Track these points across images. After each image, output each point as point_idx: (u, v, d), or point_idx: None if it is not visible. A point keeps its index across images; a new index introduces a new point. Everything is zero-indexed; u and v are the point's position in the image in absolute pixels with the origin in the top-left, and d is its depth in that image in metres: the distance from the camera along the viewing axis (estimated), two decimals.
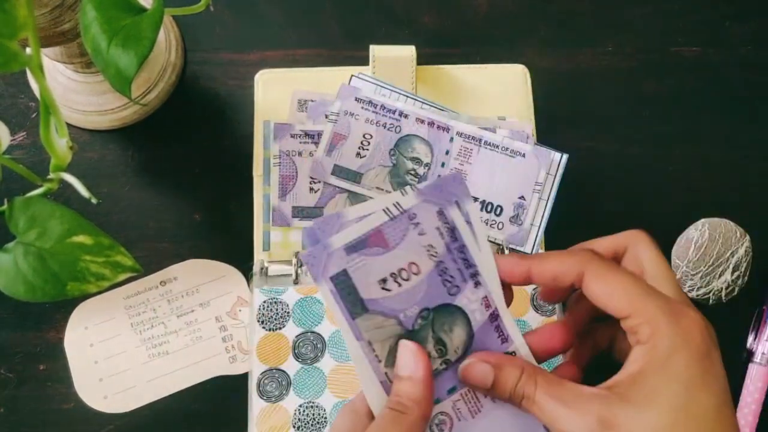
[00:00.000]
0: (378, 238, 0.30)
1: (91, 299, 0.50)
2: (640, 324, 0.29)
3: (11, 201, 0.37)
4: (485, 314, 0.32)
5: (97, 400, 0.49)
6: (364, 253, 0.30)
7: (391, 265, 0.31)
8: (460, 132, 0.50)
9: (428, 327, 0.32)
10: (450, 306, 0.32)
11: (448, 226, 0.31)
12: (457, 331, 0.32)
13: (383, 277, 0.31)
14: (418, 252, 0.31)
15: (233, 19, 0.56)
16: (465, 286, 0.32)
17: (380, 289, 0.31)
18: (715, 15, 0.58)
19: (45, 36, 0.43)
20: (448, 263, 0.31)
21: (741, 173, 0.55)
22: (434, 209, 0.31)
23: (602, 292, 0.30)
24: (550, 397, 0.30)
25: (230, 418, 0.49)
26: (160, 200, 0.53)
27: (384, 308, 0.31)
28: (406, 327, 0.31)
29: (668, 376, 0.28)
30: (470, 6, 0.57)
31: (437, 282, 0.31)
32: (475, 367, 0.31)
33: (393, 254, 0.31)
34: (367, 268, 0.30)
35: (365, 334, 0.31)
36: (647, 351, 0.28)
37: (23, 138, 0.53)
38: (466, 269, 0.32)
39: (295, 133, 0.50)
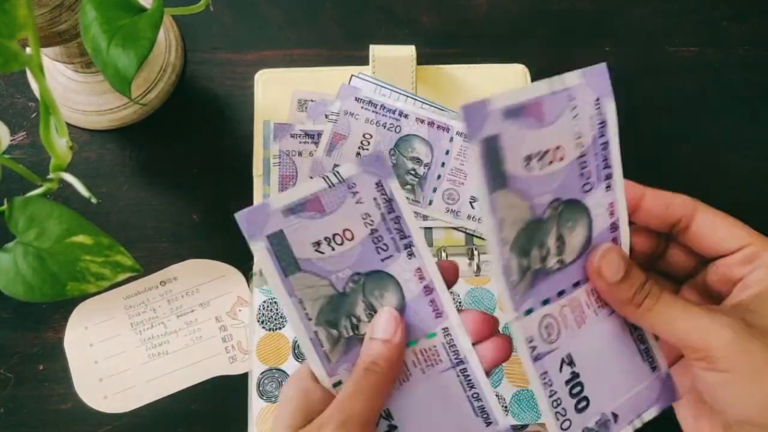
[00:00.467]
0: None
1: (90, 299, 0.50)
2: (762, 250, 0.30)
3: (11, 201, 0.37)
4: (607, 222, 0.32)
5: (97, 400, 0.49)
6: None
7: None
8: (460, 132, 0.50)
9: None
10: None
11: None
12: (578, 231, 0.32)
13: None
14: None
15: (233, 19, 0.56)
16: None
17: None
18: (713, 15, 0.58)
19: (43, 36, 0.42)
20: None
21: (741, 173, 0.55)
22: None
23: (719, 225, 0.31)
24: (680, 299, 0.30)
25: (230, 418, 0.49)
26: (159, 200, 0.53)
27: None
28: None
29: None
30: (470, 6, 0.57)
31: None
32: (611, 254, 0.31)
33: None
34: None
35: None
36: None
37: (23, 138, 0.53)
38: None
39: (295, 133, 0.50)
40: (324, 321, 0.33)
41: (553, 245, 0.31)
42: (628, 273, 0.31)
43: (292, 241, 0.32)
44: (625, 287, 0.31)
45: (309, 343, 0.32)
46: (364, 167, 0.32)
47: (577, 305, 0.32)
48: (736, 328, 0.28)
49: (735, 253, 0.31)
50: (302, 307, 0.32)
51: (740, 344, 0.28)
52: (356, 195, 0.32)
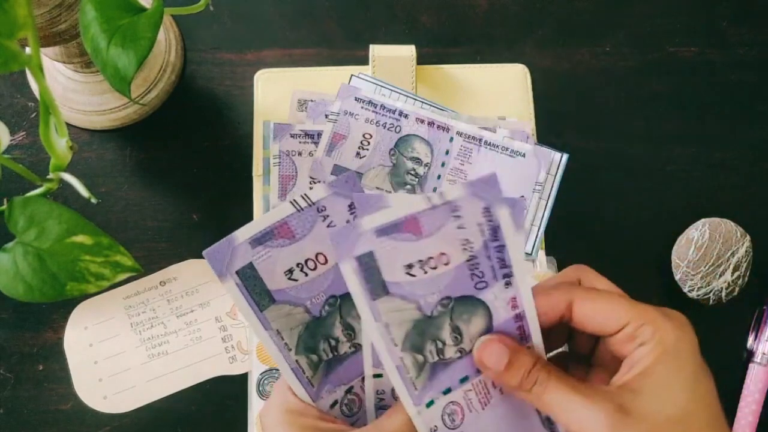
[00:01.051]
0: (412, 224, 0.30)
1: (90, 299, 0.50)
2: (642, 326, 0.30)
3: (11, 201, 0.36)
4: (510, 313, 0.32)
5: (97, 400, 0.48)
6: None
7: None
8: (460, 132, 0.50)
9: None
10: (473, 298, 0.32)
11: (491, 224, 0.30)
12: (476, 321, 0.32)
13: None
14: (452, 243, 0.30)
15: (233, 19, 0.56)
16: (494, 283, 0.31)
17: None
18: (713, 15, 0.58)
19: (43, 36, 0.42)
20: (482, 259, 0.31)
21: (741, 173, 0.55)
22: (480, 205, 0.30)
23: (596, 310, 0.31)
24: (565, 386, 0.30)
25: (230, 418, 0.49)
26: (159, 200, 0.52)
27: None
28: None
29: (678, 365, 0.30)
30: (470, 6, 0.57)
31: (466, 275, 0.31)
32: (492, 346, 0.31)
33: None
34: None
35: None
36: (654, 347, 0.30)
37: (23, 138, 0.53)
38: (501, 269, 0.31)
39: (294, 133, 0.50)
40: (303, 348, 0.32)
41: (449, 337, 0.31)
42: (512, 361, 0.31)
43: (263, 273, 0.31)
44: (511, 374, 0.31)
45: (291, 373, 0.32)
46: (333, 188, 0.31)
47: (482, 387, 0.33)
48: (609, 423, 0.28)
49: (618, 333, 0.31)
50: (281, 338, 0.31)
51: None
52: (327, 218, 0.31)
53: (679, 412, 0.29)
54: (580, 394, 0.30)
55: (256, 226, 0.30)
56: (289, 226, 0.31)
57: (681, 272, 0.51)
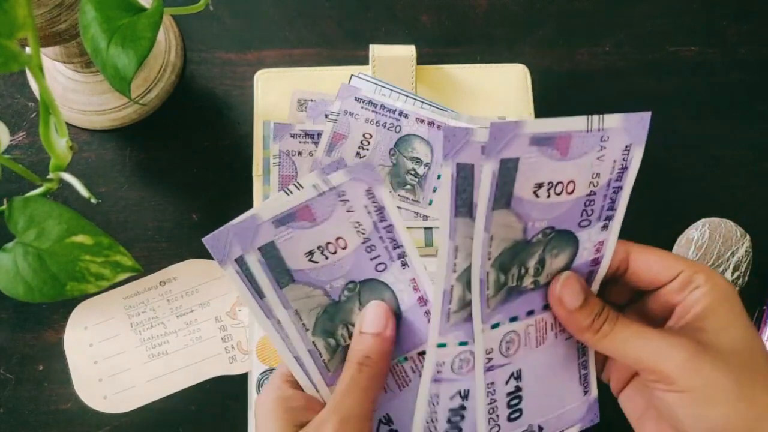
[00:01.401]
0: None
1: (90, 299, 0.50)
2: (695, 274, 0.32)
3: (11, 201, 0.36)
4: (591, 256, 0.33)
5: (97, 400, 0.48)
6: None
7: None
8: None
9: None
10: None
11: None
12: (560, 258, 0.33)
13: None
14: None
15: (232, 19, 0.56)
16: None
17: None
18: (713, 15, 0.58)
19: (43, 36, 0.42)
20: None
21: (741, 173, 0.55)
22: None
23: (652, 260, 0.33)
24: (636, 325, 0.31)
25: (230, 418, 0.49)
26: (159, 200, 0.52)
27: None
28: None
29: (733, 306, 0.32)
30: (470, 6, 0.57)
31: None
32: (573, 282, 0.32)
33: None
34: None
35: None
36: (709, 291, 0.32)
37: (22, 138, 0.53)
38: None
39: (294, 133, 0.50)
40: (321, 331, 0.32)
41: (532, 266, 0.32)
42: (587, 300, 0.32)
43: (285, 252, 0.31)
44: (584, 314, 0.32)
45: (308, 355, 0.32)
46: (353, 174, 0.32)
47: (542, 326, 0.33)
48: (689, 349, 0.30)
49: (671, 282, 0.33)
50: (299, 318, 0.32)
51: (694, 365, 0.29)
52: (346, 203, 0.32)
53: (743, 345, 0.30)
54: (653, 331, 0.31)
55: (279, 208, 0.31)
56: (311, 209, 0.31)
57: None
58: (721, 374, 0.29)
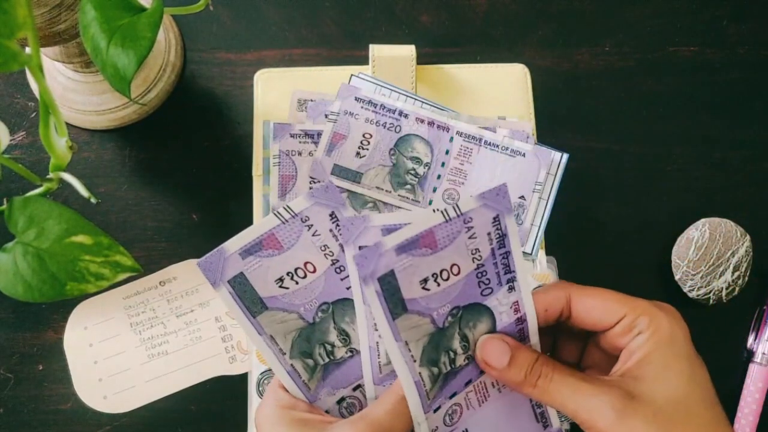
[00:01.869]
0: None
1: (90, 299, 0.50)
2: (638, 317, 0.32)
3: (10, 201, 0.36)
4: (512, 317, 0.33)
5: (97, 400, 0.48)
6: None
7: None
8: (460, 131, 0.50)
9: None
10: (479, 305, 0.32)
11: (499, 232, 0.31)
12: (480, 327, 0.33)
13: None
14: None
15: (232, 19, 0.56)
16: (499, 289, 0.32)
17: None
18: (713, 15, 0.58)
19: (43, 36, 0.42)
20: (489, 267, 0.32)
21: (741, 173, 0.55)
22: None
23: (594, 304, 0.33)
24: (571, 377, 0.31)
25: (230, 418, 0.49)
26: (159, 200, 0.52)
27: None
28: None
29: (675, 351, 0.31)
30: (470, 5, 0.57)
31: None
32: (493, 343, 0.32)
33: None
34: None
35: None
36: (651, 335, 0.31)
37: (22, 138, 0.53)
38: (505, 274, 0.32)
39: (294, 133, 0.50)
40: (298, 353, 0.33)
41: (459, 346, 0.32)
42: (515, 358, 0.32)
43: (254, 282, 0.32)
44: (515, 371, 0.32)
45: (287, 376, 0.33)
46: (315, 200, 0.32)
47: (482, 387, 0.34)
48: (620, 406, 0.30)
49: (614, 326, 0.33)
50: (275, 343, 0.32)
51: (624, 422, 0.29)
52: (311, 228, 0.32)
53: (680, 394, 0.30)
54: (587, 383, 0.31)
55: (245, 238, 0.31)
56: (276, 237, 0.32)
57: (681, 272, 0.51)
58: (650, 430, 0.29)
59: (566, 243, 0.52)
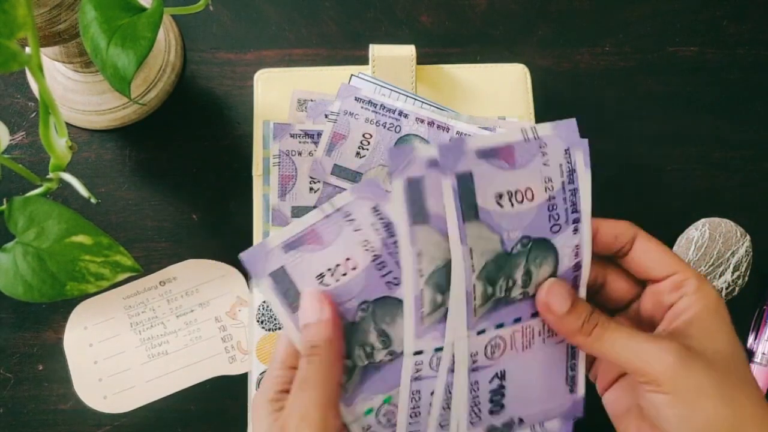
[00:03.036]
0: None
1: (90, 299, 0.50)
2: (687, 279, 0.33)
3: (10, 201, 0.36)
4: (572, 261, 0.33)
5: (97, 400, 0.48)
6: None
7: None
8: (460, 132, 0.50)
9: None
10: (548, 242, 0.33)
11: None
12: (545, 268, 0.33)
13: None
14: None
15: (232, 19, 0.56)
16: (566, 228, 0.33)
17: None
18: (713, 15, 0.58)
19: (42, 36, 0.42)
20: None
21: (741, 173, 0.55)
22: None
23: (653, 251, 0.34)
24: (627, 329, 0.32)
25: (230, 418, 0.49)
26: (159, 200, 0.52)
27: (493, 222, 0.32)
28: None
29: (721, 318, 0.33)
30: (470, 6, 0.57)
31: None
32: (558, 289, 0.33)
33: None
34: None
35: (469, 240, 0.31)
36: (699, 299, 0.33)
37: (22, 137, 0.53)
38: (572, 213, 0.33)
39: (294, 133, 0.50)
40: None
41: (520, 278, 0.33)
42: (575, 305, 0.33)
43: (295, 277, 0.31)
44: (573, 318, 0.33)
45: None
46: (358, 194, 0.32)
47: (529, 332, 0.34)
48: (678, 353, 0.31)
49: (664, 280, 0.34)
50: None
51: (682, 368, 0.30)
52: (353, 223, 0.32)
53: (728, 353, 0.32)
54: (643, 334, 0.32)
55: (288, 232, 0.31)
56: (317, 232, 0.31)
57: None
58: (706, 379, 0.30)
59: None
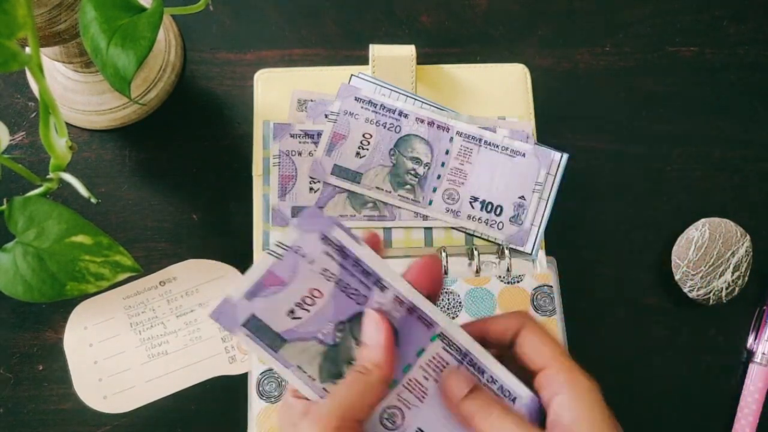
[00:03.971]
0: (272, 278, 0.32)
1: (90, 299, 0.50)
2: (556, 373, 0.33)
3: (10, 201, 0.36)
4: (402, 311, 0.33)
5: (97, 400, 0.48)
6: (264, 294, 0.32)
7: (293, 296, 0.33)
8: (460, 131, 0.50)
9: (348, 336, 0.33)
10: (362, 313, 0.33)
11: (334, 246, 0.32)
12: None
13: (290, 308, 0.33)
14: (316, 278, 0.33)
15: (232, 19, 0.56)
16: (371, 293, 0.33)
17: (291, 320, 0.33)
18: (712, 15, 0.58)
19: (42, 36, 0.42)
20: (347, 279, 0.33)
21: (741, 173, 0.55)
22: (317, 236, 0.32)
23: (534, 343, 0.34)
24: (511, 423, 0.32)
25: (230, 418, 0.49)
26: (158, 200, 0.52)
27: (301, 334, 0.33)
28: (327, 343, 0.33)
29: (594, 411, 0.32)
30: (470, 6, 0.57)
31: (343, 298, 0.33)
32: (458, 375, 0.33)
33: (292, 287, 0.32)
34: (272, 306, 0.32)
35: (292, 360, 0.33)
36: (573, 399, 0.32)
37: (22, 138, 0.53)
38: (366, 279, 0.33)
39: (294, 133, 0.50)
40: (327, 375, 0.33)
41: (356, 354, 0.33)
42: (476, 388, 0.33)
43: (268, 320, 0.32)
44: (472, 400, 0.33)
45: (316, 396, 0.33)
46: (302, 227, 0.32)
47: (415, 383, 0.34)
48: None
49: (539, 373, 0.33)
50: (303, 372, 0.33)
51: None
52: (306, 256, 0.32)
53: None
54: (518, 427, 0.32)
55: (246, 281, 0.32)
56: (275, 273, 0.32)
57: (681, 272, 0.51)
58: None
59: (566, 243, 0.52)
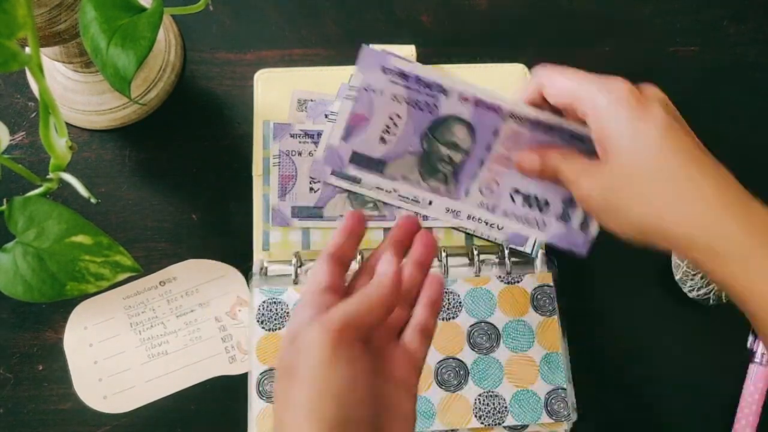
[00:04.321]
0: (356, 117, 0.38)
1: (90, 299, 0.50)
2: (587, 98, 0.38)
3: (10, 201, 0.36)
4: (470, 106, 0.39)
5: (97, 400, 0.48)
6: (355, 131, 0.39)
7: (378, 126, 0.39)
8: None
9: (433, 141, 0.39)
10: (437, 120, 0.39)
11: (394, 72, 0.38)
12: (454, 129, 0.39)
13: (380, 136, 0.39)
14: (390, 104, 0.38)
15: (232, 19, 0.56)
16: (438, 101, 0.38)
17: (384, 145, 0.39)
18: (713, 15, 0.58)
19: (42, 36, 0.42)
20: (416, 96, 0.38)
21: (741, 173, 0.55)
22: (377, 70, 0.37)
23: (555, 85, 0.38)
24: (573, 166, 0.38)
25: (230, 418, 0.49)
26: (158, 200, 0.52)
27: (396, 152, 0.39)
28: (418, 152, 0.39)
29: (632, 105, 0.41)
30: (470, 5, 0.57)
31: (418, 114, 0.39)
32: (525, 156, 0.39)
33: (375, 119, 0.38)
34: (365, 139, 0.39)
35: (396, 174, 0.40)
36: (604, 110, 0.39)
37: (22, 138, 0.53)
38: (433, 90, 0.38)
39: (294, 133, 0.50)
40: (427, 173, 0.40)
41: (448, 151, 0.39)
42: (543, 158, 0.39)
43: (366, 151, 0.39)
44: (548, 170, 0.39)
45: (431, 196, 0.41)
46: (364, 68, 0.37)
47: (499, 156, 0.40)
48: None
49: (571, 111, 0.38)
50: (406, 180, 0.40)
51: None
52: (377, 89, 0.38)
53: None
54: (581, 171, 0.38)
55: (338, 129, 0.38)
56: (357, 113, 0.38)
57: (681, 272, 0.51)
58: None
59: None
